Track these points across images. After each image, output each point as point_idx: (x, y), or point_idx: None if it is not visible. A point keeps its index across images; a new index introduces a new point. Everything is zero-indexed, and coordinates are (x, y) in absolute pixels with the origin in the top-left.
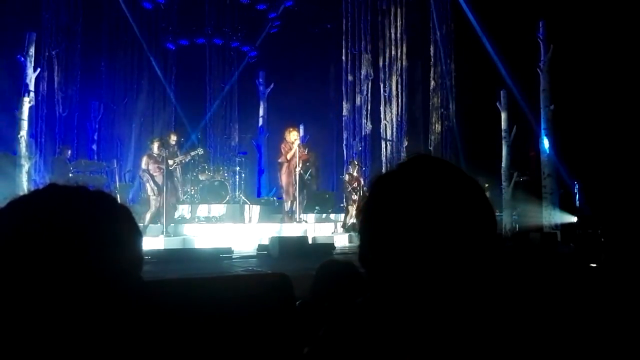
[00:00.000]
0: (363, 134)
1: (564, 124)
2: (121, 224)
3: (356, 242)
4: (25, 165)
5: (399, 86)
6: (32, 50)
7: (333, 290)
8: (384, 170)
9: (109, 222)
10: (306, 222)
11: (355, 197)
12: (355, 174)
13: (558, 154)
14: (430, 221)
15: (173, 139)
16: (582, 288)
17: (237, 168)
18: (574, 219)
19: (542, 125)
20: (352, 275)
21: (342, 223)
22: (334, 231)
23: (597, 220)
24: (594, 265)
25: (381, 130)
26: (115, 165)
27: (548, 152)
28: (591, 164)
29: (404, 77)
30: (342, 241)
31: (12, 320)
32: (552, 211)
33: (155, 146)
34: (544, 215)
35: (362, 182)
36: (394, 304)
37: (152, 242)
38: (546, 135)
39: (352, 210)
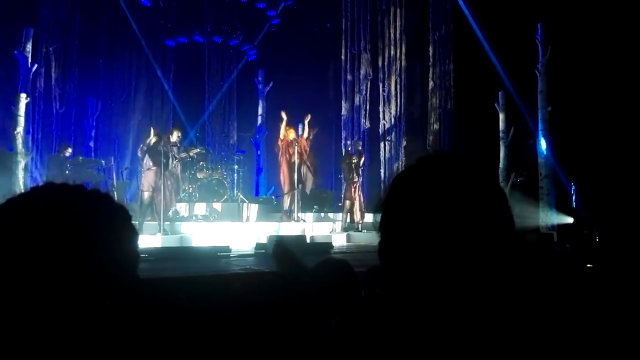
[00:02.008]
0: (361, 133)
1: (561, 125)
2: (117, 223)
3: (354, 241)
4: (22, 162)
5: (398, 86)
6: (29, 46)
7: (328, 289)
8: (382, 170)
9: (105, 221)
10: (304, 221)
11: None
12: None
13: (555, 155)
14: (450, 219)
15: (175, 135)
16: (579, 288)
17: (236, 166)
18: (571, 220)
19: (540, 126)
20: (347, 274)
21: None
22: (332, 230)
23: (593, 221)
24: (590, 265)
25: (380, 130)
26: (113, 163)
27: (545, 153)
28: (588, 165)
29: (402, 77)
30: (341, 240)
31: (6, 318)
32: (549, 212)
33: (153, 140)
34: (541, 216)
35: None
36: (411, 298)
37: (149, 240)
38: (543, 136)
39: (348, 204)
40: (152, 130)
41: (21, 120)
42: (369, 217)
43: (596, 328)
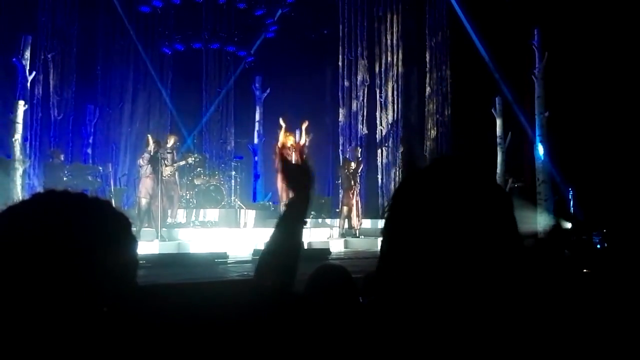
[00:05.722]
0: (358, 139)
1: (559, 130)
2: (117, 230)
3: (351, 247)
4: (20, 169)
5: (395, 92)
6: (27, 54)
7: (326, 295)
8: (379, 176)
9: (105, 228)
10: None
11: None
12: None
13: (552, 160)
14: (455, 225)
15: (171, 142)
16: (577, 294)
17: (233, 172)
18: (569, 225)
19: (537, 132)
20: (344, 281)
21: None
22: (329, 236)
23: (591, 226)
24: (587, 271)
25: (377, 136)
26: (110, 169)
27: (542, 158)
28: (586, 170)
29: (399, 83)
30: (338, 246)
31: (6, 323)
32: (547, 217)
33: (152, 147)
34: (539, 221)
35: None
36: (413, 303)
37: (147, 246)
38: (541, 141)
39: (345, 210)
40: (150, 139)
41: (19, 128)
42: (366, 224)
43: (593, 333)
